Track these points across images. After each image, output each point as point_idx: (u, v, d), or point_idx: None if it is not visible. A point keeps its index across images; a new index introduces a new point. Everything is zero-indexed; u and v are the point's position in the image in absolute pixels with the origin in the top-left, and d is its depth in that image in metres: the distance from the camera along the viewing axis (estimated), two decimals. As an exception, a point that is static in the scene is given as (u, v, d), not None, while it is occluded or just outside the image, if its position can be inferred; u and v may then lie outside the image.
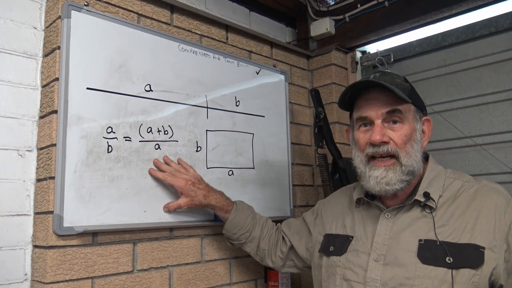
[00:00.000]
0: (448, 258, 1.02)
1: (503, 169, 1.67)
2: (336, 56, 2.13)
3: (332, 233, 1.29)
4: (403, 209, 1.14)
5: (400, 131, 1.10)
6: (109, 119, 1.35)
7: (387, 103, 1.10)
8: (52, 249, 1.21)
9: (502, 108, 1.70)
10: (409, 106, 1.12)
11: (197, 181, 1.44)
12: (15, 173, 1.28)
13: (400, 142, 1.09)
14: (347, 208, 1.30)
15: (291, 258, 1.46)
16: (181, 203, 1.42)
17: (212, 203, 1.44)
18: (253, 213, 1.51)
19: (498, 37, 1.72)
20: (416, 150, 1.11)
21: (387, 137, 1.10)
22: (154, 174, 1.42)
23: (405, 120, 1.11)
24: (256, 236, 1.47)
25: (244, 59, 1.81)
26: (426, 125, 1.17)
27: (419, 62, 1.95)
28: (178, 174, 1.43)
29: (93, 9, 1.36)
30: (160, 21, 1.57)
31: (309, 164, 2.10)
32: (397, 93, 1.07)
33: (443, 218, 1.09)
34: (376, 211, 1.19)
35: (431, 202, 1.10)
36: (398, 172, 1.09)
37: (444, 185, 1.14)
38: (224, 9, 1.93)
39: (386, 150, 1.10)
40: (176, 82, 1.54)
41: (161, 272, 1.45)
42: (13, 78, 1.30)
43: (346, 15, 2.03)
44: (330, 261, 1.23)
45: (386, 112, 1.10)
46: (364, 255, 1.15)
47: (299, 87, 2.12)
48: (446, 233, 1.06)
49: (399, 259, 1.08)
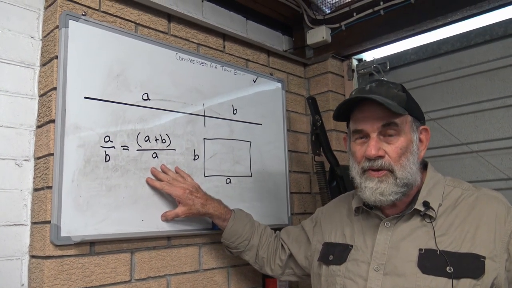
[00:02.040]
0: (448, 267, 1.01)
1: (499, 175, 1.68)
2: (333, 64, 2.14)
3: (331, 242, 1.29)
4: (403, 218, 1.14)
5: (395, 143, 1.10)
6: (107, 128, 1.35)
7: (382, 116, 1.10)
8: (49, 259, 1.20)
9: (497, 115, 1.71)
10: (406, 118, 1.12)
11: (195, 189, 1.44)
12: (12, 183, 1.27)
13: (395, 156, 1.09)
14: (346, 216, 1.29)
15: (290, 266, 1.45)
16: (179, 212, 1.41)
17: (210, 211, 1.43)
18: (251, 221, 1.51)
19: (493, 45, 1.74)
20: (412, 161, 1.10)
21: (382, 151, 1.10)
22: (152, 184, 1.42)
23: (401, 132, 1.11)
24: (254, 244, 1.47)
25: (241, 68, 1.82)
26: (424, 134, 1.16)
27: (415, 69, 1.97)
28: (175, 183, 1.42)
29: (91, 19, 1.36)
30: (157, 30, 1.57)
31: (306, 172, 2.10)
32: (391, 109, 1.06)
33: (443, 227, 1.08)
34: (376, 220, 1.19)
35: (431, 211, 1.09)
36: (391, 184, 1.09)
37: (443, 193, 1.13)
38: (221, 18, 1.94)
39: (381, 165, 1.10)
40: (173, 90, 1.54)
41: (159, 282, 1.44)
42: (11, 87, 1.30)
43: (342, 24, 2.05)
44: (329, 270, 1.22)
45: (381, 126, 1.10)
46: (364, 264, 1.14)
47: (296, 95, 2.13)
48: (446, 242, 1.05)
49: (399, 269, 1.07)
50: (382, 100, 1.07)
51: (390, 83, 1.19)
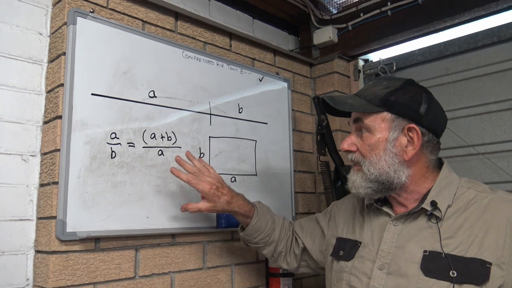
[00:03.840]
0: (452, 272, 0.98)
1: (506, 178, 1.67)
2: (339, 64, 2.14)
3: (343, 237, 1.28)
4: (411, 218, 1.12)
5: (365, 140, 1.14)
6: (113, 125, 1.35)
7: (355, 113, 1.17)
8: (54, 254, 1.21)
9: (504, 117, 1.70)
10: (380, 115, 1.11)
11: (221, 185, 1.35)
12: (18, 178, 1.28)
13: (363, 151, 1.14)
14: (359, 212, 1.28)
15: (304, 259, 1.43)
16: (202, 207, 1.33)
17: (235, 209, 1.36)
18: (272, 216, 1.46)
19: (500, 46, 1.72)
20: (385, 159, 1.10)
21: (353, 145, 1.16)
22: (177, 175, 1.33)
23: (372, 130, 1.12)
24: (275, 240, 1.43)
25: (247, 67, 1.82)
26: (413, 133, 1.09)
27: (421, 70, 1.96)
28: (201, 177, 1.34)
29: (99, 16, 1.37)
30: (164, 28, 1.58)
31: (311, 172, 2.10)
32: (344, 109, 1.14)
33: (450, 229, 1.05)
34: (385, 217, 1.18)
35: (438, 211, 1.07)
36: (360, 177, 1.14)
37: (455, 194, 1.10)
38: (228, 16, 1.94)
39: (351, 159, 1.18)
40: (180, 88, 1.55)
41: (163, 279, 1.44)
42: (18, 83, 1.31)
43: (349, 24, 2.04)
44: (339, 265, 1.22)
45: (353, 121, 1.18)
46: (369, 262, 1.14)
47: (302, 95, 2.13)
48: (452, 246, 1.03)
49: (402, 270, 1.06)
50: (335, 102, 1.15)
51: (389, 79, 1.18)
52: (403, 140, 1.10)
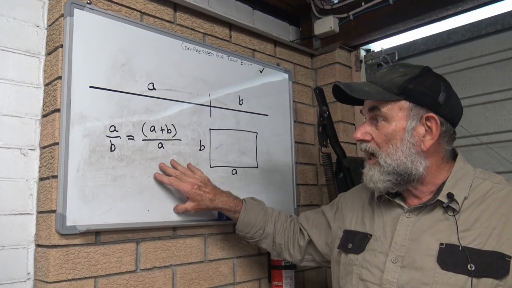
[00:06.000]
0: (469, 265, 0.96)
1: (510, 167, 1.65)
2: (340, 54, 2.11)
3: (351, 230, 1.25)
4: (425, 210, 1.09)
5: (381, 129, 1.09)
6: (112, 118, 1.34)
7: (370, 101, 1.11)
8: (54, 248, 1.20)
9: (508, 106, 1.68)
10: (398, 104, 1.07)
11: (203, 184, 1.42)
12: (17, 172, 1.27)
13: (379, 141, 1.10)
14: (368, 204, 1.26)
15: (310, 252, 1.42)
16: (188, 207, 1.41)
17: (219, 206, 1.42)
18: (264, 209, 1.47)
19: (504, 34, 1.70)
20: (402, 150, 1.06)
21: (368, 135, 1.12)
22: (160, 179, 1.41)
23: (389, 119, 1.08)
24: (270, 232, 1.44)
25: (247, 58, 1.80)
26: (431, 122, 1.07)
27: (424, 60, 1.94)
28: (184, 178, 1.40)
29: (96, 7, 1.35)
30: (163, 19, 1.56)
31: (313, 163, 2.09)
32: (358, 96, 1.08)
33: (467, 221, 1.02)
34: (397, 209, 1.15)
35: (455, 204, 1.04)
36: (377, 171, 1.10)
37: (471, 186, 1.07)
38: (227, 7, 1.92)
39: (365, 149, 1.13)
40: (179, 80, 1.53)
41: (164, 272, 1.44)
42: (16, 76, 1.30)
43: (350, 13, 2.02)
44: (347, 258, 1.20)
45: (368, 110, 1.12)
46: (381, 255, 1.10)
47: (303, 86, 2.11)
48: (470, 238, 1.00)
49: (418, 263, 1.03)
50: (351, 89, 1.09)
51: (405, 66, 1.14)
52: (421, 130, 1.07)
